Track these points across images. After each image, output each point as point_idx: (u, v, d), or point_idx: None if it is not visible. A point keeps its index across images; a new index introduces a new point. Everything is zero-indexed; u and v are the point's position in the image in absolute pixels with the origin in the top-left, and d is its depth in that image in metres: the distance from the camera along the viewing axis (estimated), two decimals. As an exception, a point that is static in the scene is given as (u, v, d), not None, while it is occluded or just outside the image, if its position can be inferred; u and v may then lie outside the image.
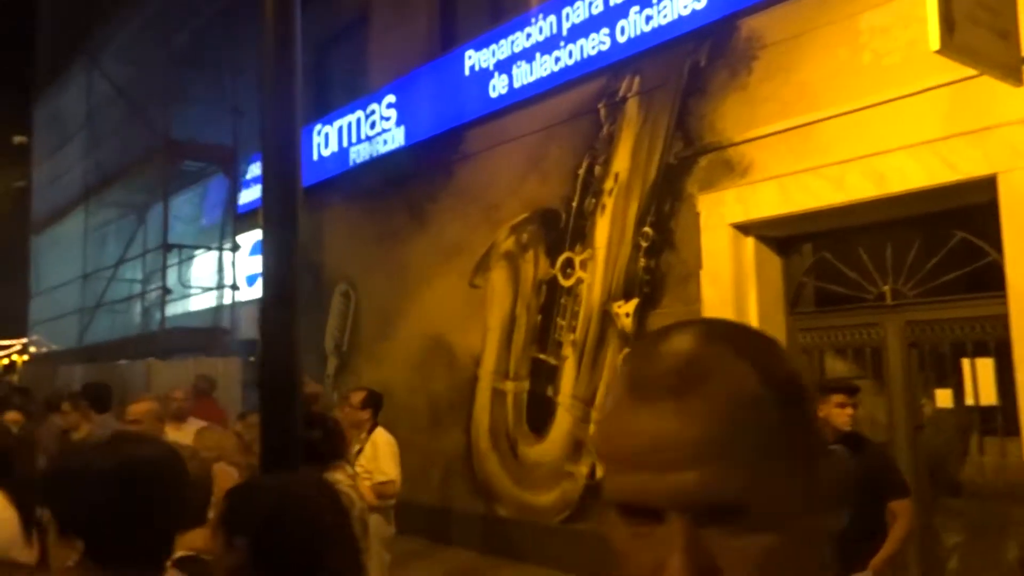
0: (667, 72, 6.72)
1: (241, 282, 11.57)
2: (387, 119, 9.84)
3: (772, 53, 5.91)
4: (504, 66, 8.25)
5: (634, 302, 6.85)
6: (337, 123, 10.84)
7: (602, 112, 7.32)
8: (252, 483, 2.00)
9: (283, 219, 2.86)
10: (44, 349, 17.57)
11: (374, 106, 10.07)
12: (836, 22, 5.54)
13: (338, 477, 2.78)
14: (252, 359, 11.37)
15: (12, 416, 6.09)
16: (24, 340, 48.44)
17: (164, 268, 10.68)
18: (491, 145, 8.56)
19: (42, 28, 15.65)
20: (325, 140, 11.03)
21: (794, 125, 5.68)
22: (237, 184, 11.55)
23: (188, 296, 11.38)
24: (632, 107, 7.06)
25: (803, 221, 5.88)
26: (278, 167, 2.92)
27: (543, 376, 7.71)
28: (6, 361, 48.43)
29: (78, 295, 13.08)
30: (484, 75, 8.53)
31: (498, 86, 8.34)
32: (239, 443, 4.45)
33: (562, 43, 7.60)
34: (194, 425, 5.72)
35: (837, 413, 4.81)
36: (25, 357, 49.36)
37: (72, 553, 1.45)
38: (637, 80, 7.00)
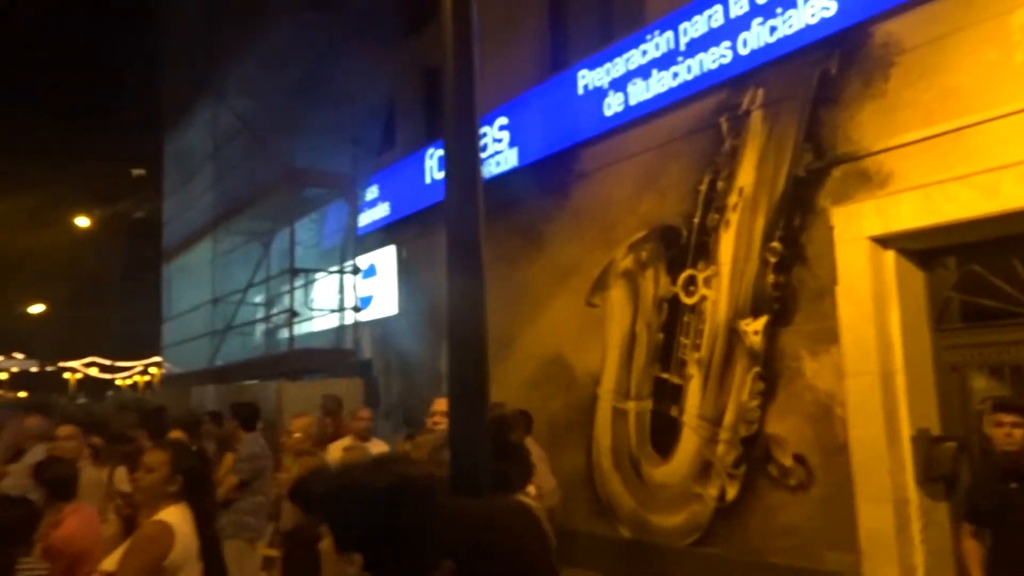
0: (794, 83, 6.48)
1: (371, 303, 11.86)
2: (499, 141, 9.89)
3: (912, 58, 5.61)
4: (619, 84, 8.17)
5: (763, 319, 6.61)
6: (449, 147, 10.98)
7: (724, 126, 7.13)
8: (457, 509, 1.97)
9: (466, 241, 2.84)
10: (166, 370, 18.45)
11: (486, 128, 10.14)
12: (984, 21, 5.21)
13: (526, 500, 2.73)
14: (370, 378, 11.60)
15: (176, 434, 6.33)
16: (146, 362, 51.10)
17: (292, 291, 11.03)
18: (606, 164, 8.47)
19: (169, 69, 16.55)
20: (438, 164, 11.20)
21: (939, 132, 5.36)
22: (356, 208, 11.85)
23: (311, 318, 11.72)
24: (756, 120, 6.84)
25: (949, 232, 5.54)
26: (459, 178, 2.91)
27: (666, 395, 7.52)
28: (130, 381, 51.38)
29: (208, 319, 13.66)
30: (598, 94, 8.46)
31: (613, 104, 8.25)
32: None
33: (680, 58, 7.46)
34: (378, 445, 5.85)
35: (996, 433, 4.54)
36: (147, 378, 52.10)
37: (350, 568, 1.51)
38: (761, 92, 6.79)
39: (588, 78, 8.61)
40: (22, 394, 36.61)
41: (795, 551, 6.19)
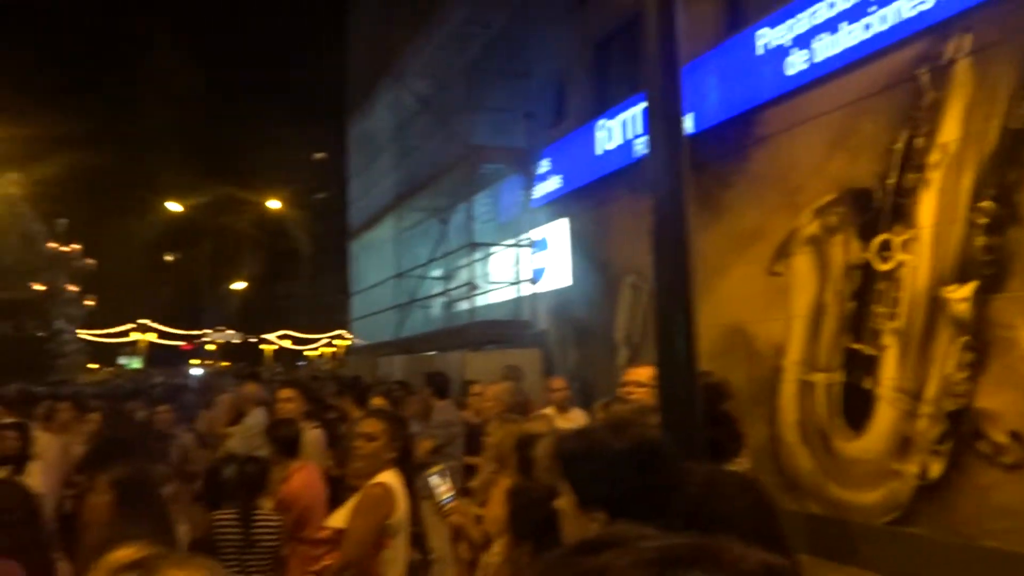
0: (1008, 26, 5.88)
1: (544, 275, 12.04)
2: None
3: None
4: (803, 41, 7.74)
5: (972, 285, 6.10)
6: (620, 117, 10.87)
7: (923, 79, 6.59)
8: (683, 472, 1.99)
9: (672, 214, 2.81)
10: (353, 342, 19.59)
11: (659, 96, 9.93)
12: None
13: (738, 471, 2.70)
14: (546, 349, 11.79)
15: (378, 402, 6.73)
16: (331, 334, 54.49)
17: (471, 265, 11.39)
18: (789, 126, 8.08)
19: (353, 57, 17.42)
20: (608, 134, 11.12)
21: None
22: (530, 182, 12.02)
23: (489, 291, 12.05)
24: (962, 70, 6.27)
25: None
26: (663, 131, 2.85)
27: (859, 367, 7.13)
28: (317, 353, 55.08)
29: (392, 293, 14.39)
30: (779, 53, 8.07)
31: (796, 63, 7.84)
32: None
33: (872, 8, 6.96)
34: (577, 415, 5.92)
35: None
36: (332, 349, 55.59)
37: (592, 524, 1.56)
38: (968, 39, 6.21)
39: (768, 37, 8.22)
40: (224, 364, 40.05)
41: (1011, 534, 5.72)
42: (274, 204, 41.34)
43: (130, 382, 20.40)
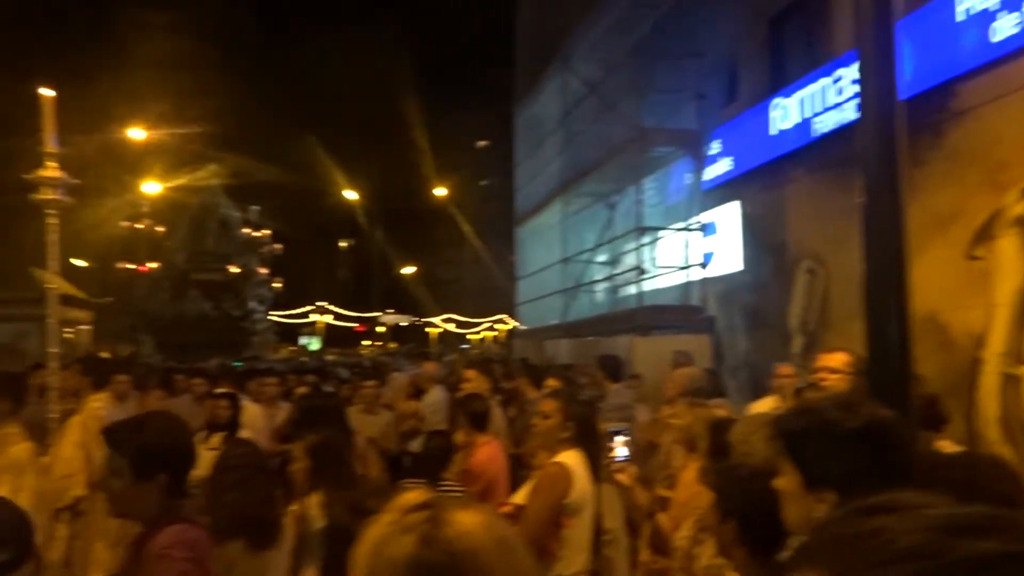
0: None
1: (713, 259, 11.78)
2: (858, 82, 9.12)
3: None
4: (1013, 2, 7.07)
5: None
6: (797, 95, 10.38)
7: None
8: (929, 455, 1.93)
9: (884, 185, 2.67)
10: (511, 326, 19.93)
11: (841, 71, 9.41)
12: None
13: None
14: (715, 335, 11.52)
15: (552, 383, 6.85)
16: (492, 318, 55.64)
17: (639, 249, 11.31)
18: (993, 97, 7.42)
19: (520, 44, 17.68)
20: (784, 113, 10.65)
21: None
22: (701, 165, 11.76)
23: (656, 275, 11.92)
24: None
25: None
26: (875, 93, 2.70)
27: (1074, 360, 6.47)
28: (479, 337, 56.56)
29: (558, 278, 14.53)
30: (982, 18, 7.41)
31: (1003, 28, 7.18)
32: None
33: (1098, -37, 6.25)
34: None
35: None
36: (493, 333, 56.71)
37: (820, 505, 1.53)
38: None
39: (970, 1, 7.57)
40: (392, 345, 41.89)
41: None
42: (441, 192, 42.73)
43: (313, 360, 21.86)
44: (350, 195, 36.81)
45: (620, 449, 3.58)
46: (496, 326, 57.99)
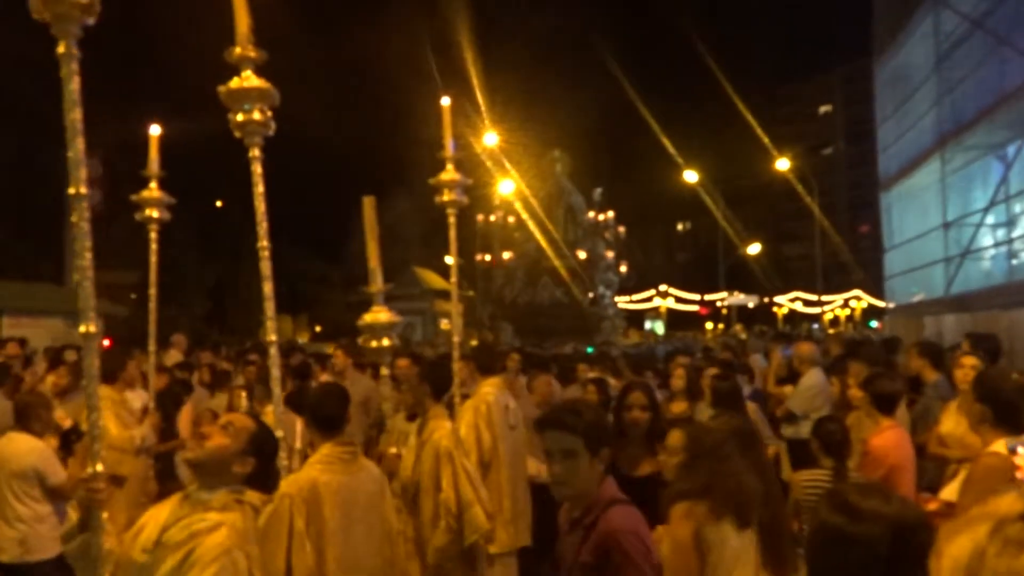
0: None
1: None
2: None
3: None
4: None
5: None
6: None
7: None
8: None
9: None
10: (864, 303, 18.11)
11: None
12: None
13: None
14: None
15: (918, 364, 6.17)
16: (846, 295, 51.60)
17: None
18: None
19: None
20: None
21: None
22: None
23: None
24: None
25: None
26: None
27: None
28: (831, 316, 52.71)
29: (939, 245, 12.98)
30: None
31: None
32: None
33: None
34: None
35: None
36: (846, 311, 52.59)
37: None
38: None
39: None
40: (738, 327, 40.84)
41: None
42: (782, 164, 40.66)
43: (665, 344, 22.05)
44: (689, 175, 36.48)
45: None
46: (850, 303, 53.71)
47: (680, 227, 76.85)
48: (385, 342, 3.56)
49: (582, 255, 25.05)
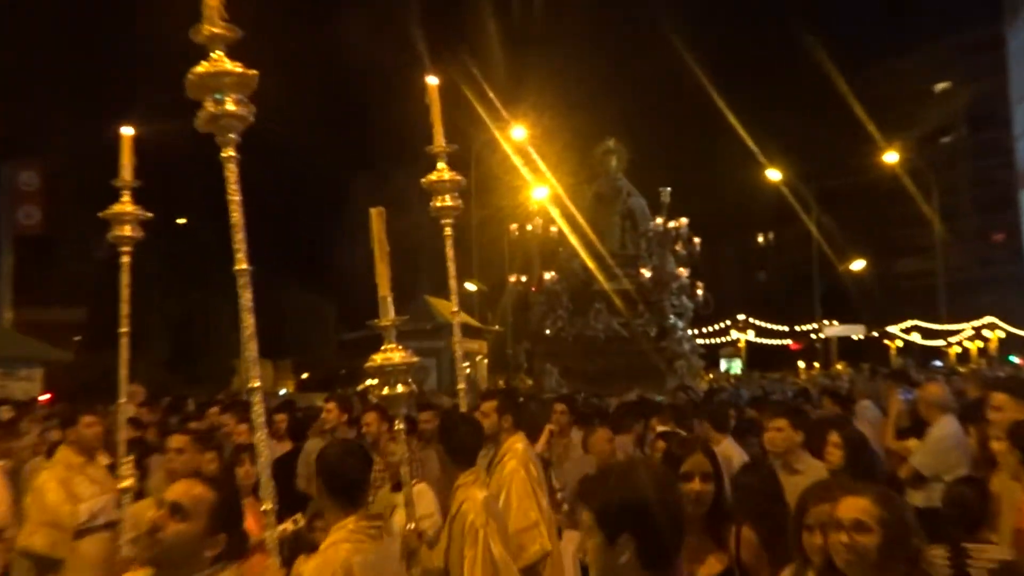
0: None
1: None
2: None
3: None
4: None
5: None
6: None
7: None
8: None
9: None
10: (1001, 333, 17.74)
11: None
12: None
13: None
14: None
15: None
16: (976, 323, 50.53)
17: None
18: None
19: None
20: None
21: None
22: None
23: None
24: None
25: None
26: None
27: None
28: (958, 349, 51.61)
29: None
30: None
31: None
32: None
33: None
34: None
35: None
36: (978, 344, 51.42)
37: None
38: None
39: None
40: (839, 365, 40.12)
41: None
42: (891, 157, 40.21)
43: (756, 387, 21.43)
44: (771, 173, 36.00)
45: None
46: (983, 332, 52.49)
47: (761, 239, 76.17)
48: (400, 388, 3.53)
49: (646, 274, 23.52)
